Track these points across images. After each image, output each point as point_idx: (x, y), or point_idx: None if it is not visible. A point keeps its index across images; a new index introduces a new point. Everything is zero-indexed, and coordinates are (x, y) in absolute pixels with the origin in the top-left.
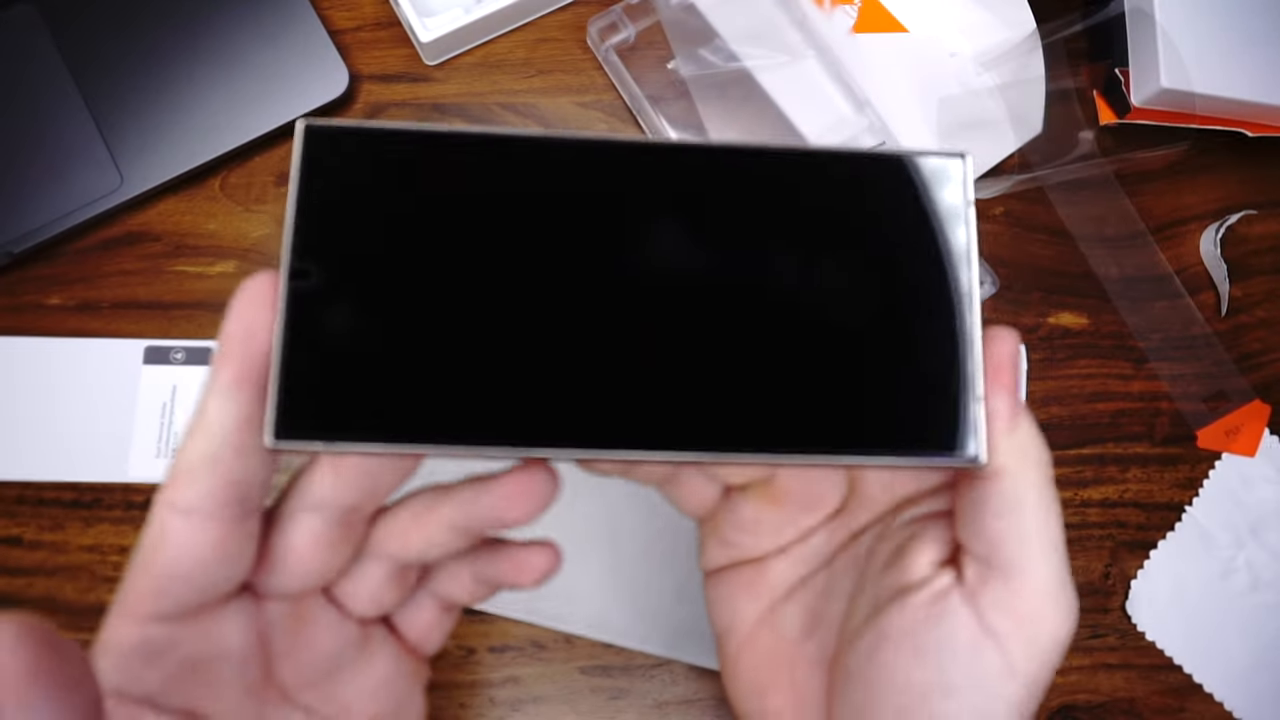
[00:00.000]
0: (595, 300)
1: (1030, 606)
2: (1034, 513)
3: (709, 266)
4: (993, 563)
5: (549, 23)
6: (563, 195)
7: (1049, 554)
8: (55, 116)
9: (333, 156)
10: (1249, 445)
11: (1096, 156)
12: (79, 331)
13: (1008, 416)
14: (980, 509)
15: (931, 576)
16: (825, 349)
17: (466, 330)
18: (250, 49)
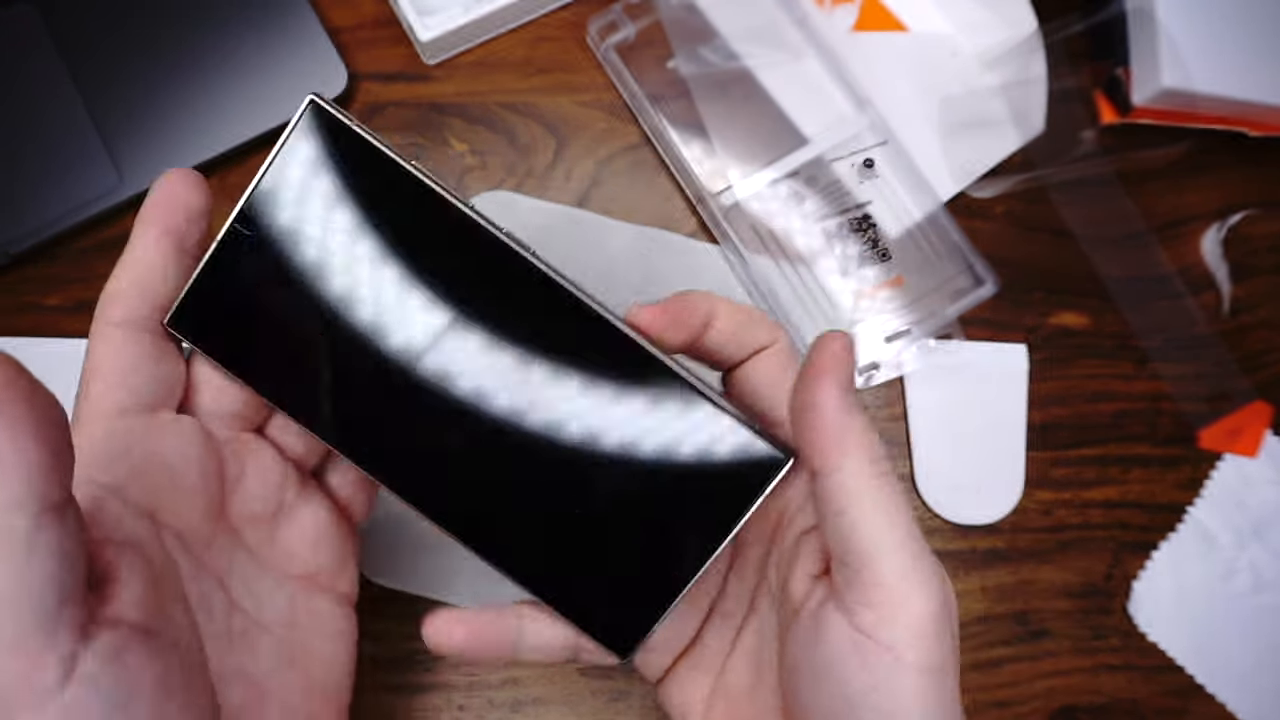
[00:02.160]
0: (431, 374)
1: (890, 593)
2: (870, 499)
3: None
4: (848, 561)
5: (548, 22)
6: (457, 274)
7: (894, 535)
8: (54, 116)
9: (320, 137)
10: (1251, 446)
11: (1098, 156)
12: (78, 332)
13: (832, 413)
14: (826, 508)
15: (809, 593)
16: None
17: (332, 338)
18: (249, 48)
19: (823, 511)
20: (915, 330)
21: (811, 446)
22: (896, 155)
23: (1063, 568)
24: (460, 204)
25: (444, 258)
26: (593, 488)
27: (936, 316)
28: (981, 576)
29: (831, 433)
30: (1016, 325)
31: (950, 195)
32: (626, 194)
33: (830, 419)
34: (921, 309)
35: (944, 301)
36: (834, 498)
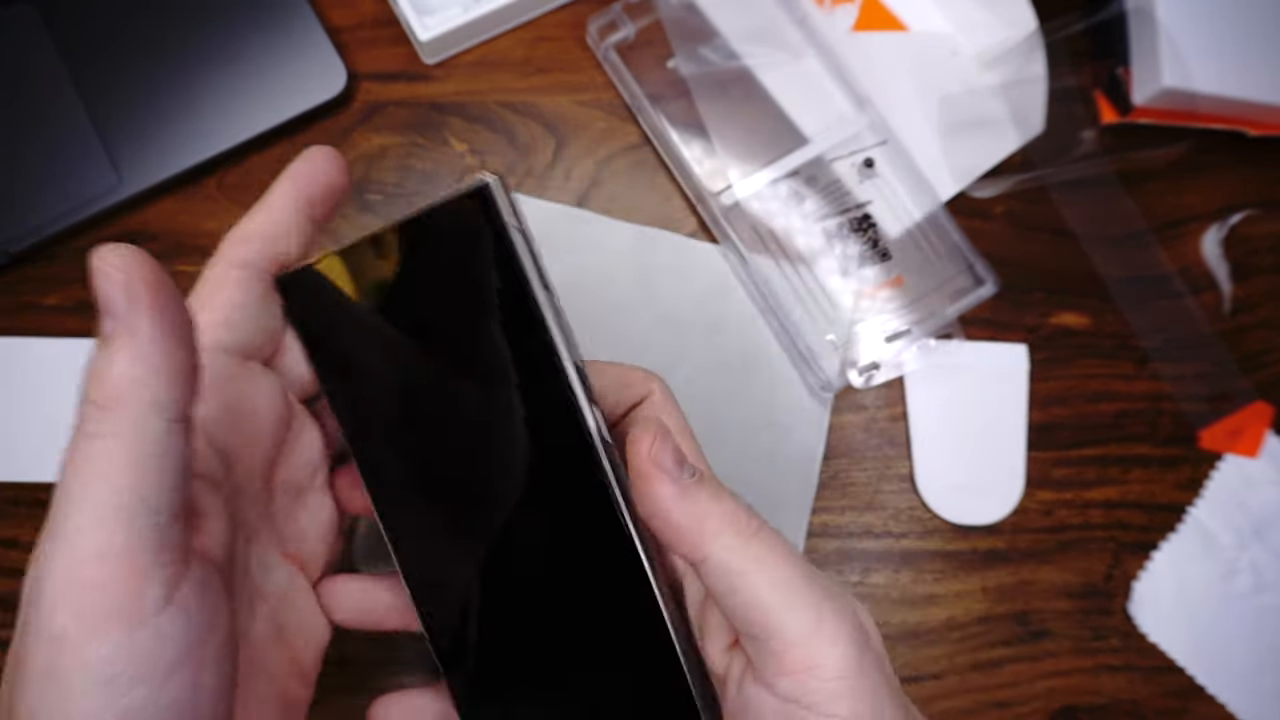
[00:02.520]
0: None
1: (803, 654)
2: (752, 572)
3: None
4: (753, 634)
5: (548, 21)
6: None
7: (788, 596)
8: (53, 116)
9: (480, 214)
10: (1252, 446)
11: (1098, 156)
12: (77, 332)
13: (676, 513)
14: (714, 591)
15: (728, 668)
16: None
17: (401, 380)
18: (248, 48)
19: (713, 593)
20: (915, 330)
21: (675, 547)
22: (896, 155)
23: (1063, 568)
24: (549, 334)
25: (508, 373)
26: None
27: (936, 316)
28: (981, 577)
29: (686, 530)
30: (1016, 325)
31: (950, 195)
32: (626, 194)
33: (677, 520)
34: (922, 309)
35: (944, 301)
36: (717, 580)
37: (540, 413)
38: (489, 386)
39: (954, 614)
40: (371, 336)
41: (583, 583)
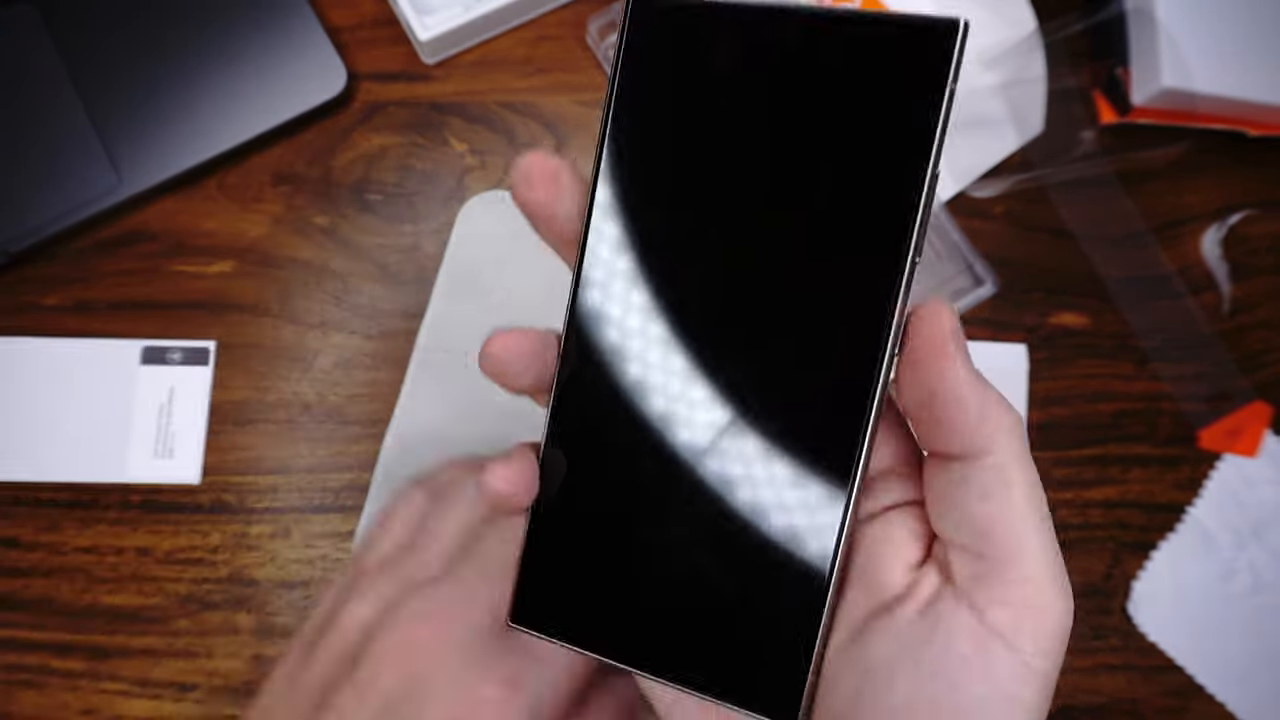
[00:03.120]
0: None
1: (1034, 595)
2: (1021, 490)
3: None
4: (985, 553)
5: (548, 21)
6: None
7: (1044, 533)
8: (53, 116)
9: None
10: (1251, 446)
11: (1098, 156)
12: (76, 331)
13: (971, 389)
14: (962, 493)
15: (913, 583)
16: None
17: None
18: (248, 48)
19: (956, 497)
20: None
21: (953, 432)
22: None
23: None
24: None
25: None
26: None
27: None
28: None
29: (976, 411)
30: (1016, 325)
31: (950, 195)
32: None
33: (974, 396)
34: None
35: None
36: (980, 482)
37: (854, 284)
38: (808, 235)
39: None
40: (706, 120)
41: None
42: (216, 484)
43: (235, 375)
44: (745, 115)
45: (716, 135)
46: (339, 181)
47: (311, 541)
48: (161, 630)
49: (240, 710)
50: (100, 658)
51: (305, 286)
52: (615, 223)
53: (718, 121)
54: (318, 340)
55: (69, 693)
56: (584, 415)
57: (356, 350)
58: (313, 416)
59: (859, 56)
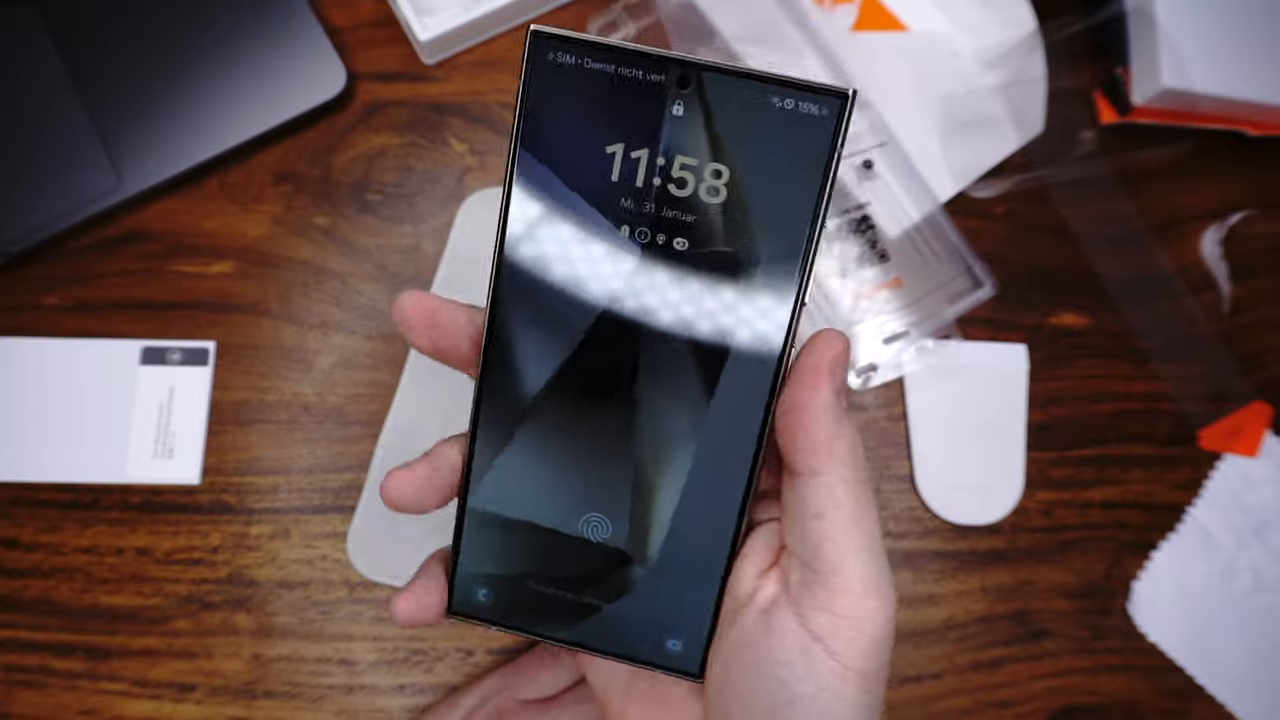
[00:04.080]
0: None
1: (851, 604)
2: (846, 511)
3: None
4: (814, 565)
5: (548, 21)
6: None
7: (866, 550)
8: (53, 116)
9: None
10: (1251, 446)
11: (1098, 156)
12: (76, 332)
13: (825, 417)
14: (801, 510)
15: (757, 589)
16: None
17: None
18: (248, 48)
19: (796, 512)
20: (914, 332)
21: (797, 448)
22: (896, 156)
23: (1063, 568)
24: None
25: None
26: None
27: (935, 318)
28: (981, 576)
29: (822, 437)
30: (1016, 325)
31: (950, 195)
32: None
33: (823, 423)
34: (920, 310)
35: (942, 303)
36: (814, 501)
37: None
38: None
39: (954, 614)
40: (596, 152)
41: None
42: (216, 484)
43: (235, 375)
44: (636, 163)
45: (607, 180)
46: (339, 181)
47: (311, 541)
48: (161, 630)
49: (240, 711)
50: (100, 658)
51: (305, 286)
52: (510, 331)
53: (610, 170)
54: (318, 340)
55: (69, 693)
56: (508, 385)
57: (356, 350)
58: (313, 416)
59: (758, 116)
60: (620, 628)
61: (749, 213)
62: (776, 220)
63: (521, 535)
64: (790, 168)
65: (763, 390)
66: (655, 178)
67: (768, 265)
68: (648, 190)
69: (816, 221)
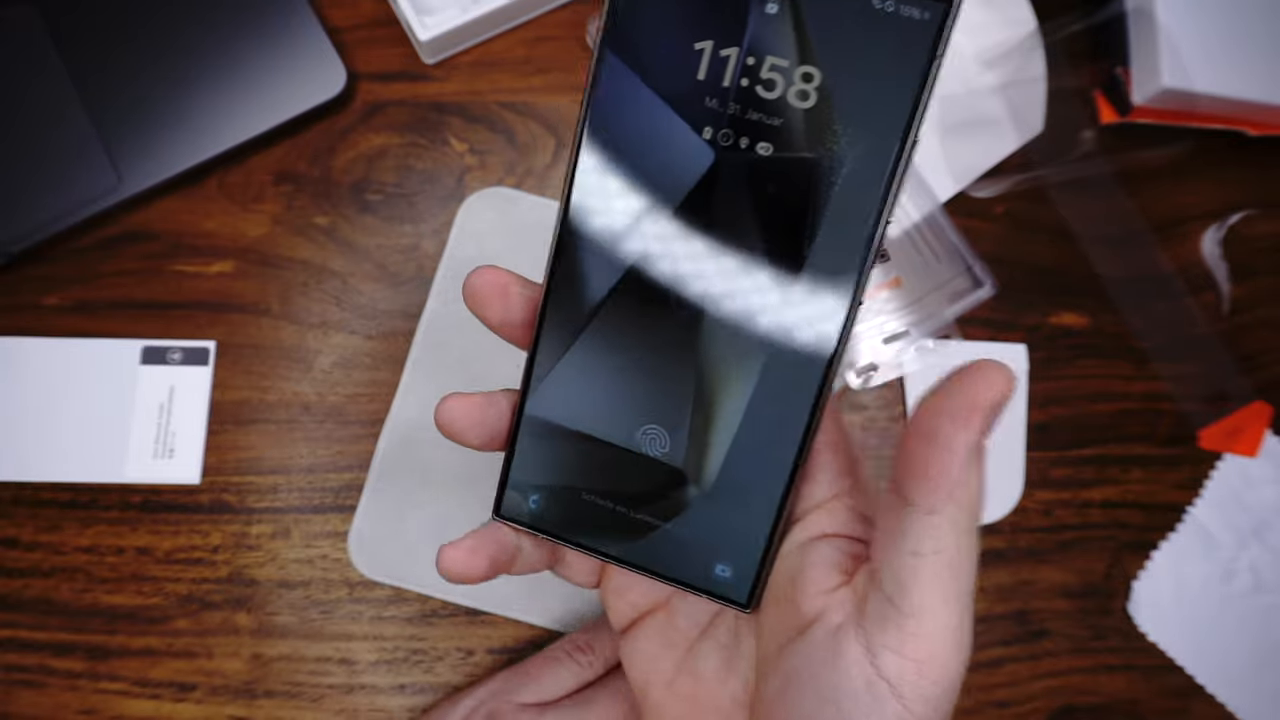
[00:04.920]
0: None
1: (927, 651)
2: (952, 554)
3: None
4: (896, 602)
5: (548, 21)
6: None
7: (956, 598)
8: (53, 116)
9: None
10: (1251, 446)
11: (1098, 156)
12: (76, 331)
13: (961, 458)
14: (899, 540)
15: (825, 610)
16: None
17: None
18: (248, 48)
19: (893, 542)
20: (914, 331)
21: (918, 480)
22: None
23: (1062, 568)
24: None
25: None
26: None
27: (935, 318)
28: (981, 576)
29: (951, 478)
30: (1016, 325)
31: (950, 195)
32: None
33: (957, 465)
34: (920, 310)
35: (942, 303)
36: (916, 537)
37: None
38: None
39: None
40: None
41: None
42: (216, 484)
43: (235, 375)
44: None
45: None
46: (339, 181)
47: (311, 541)
48: (161, 630)
49: (240, 710)
50: (100, 658)
51: (305, 286)
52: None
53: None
54: (318, 340)
55: (69, 692)
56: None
57: (356, 350)
58: (313, 416)
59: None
60: (669, 548)
61: (838, 120)
62: (866, 130)
63: (575, 445)
64: (885, 74)
65: (838, 309)
66: (743, 78)
67: (852, 175)
68: (733, 91)
69: (910, 133)
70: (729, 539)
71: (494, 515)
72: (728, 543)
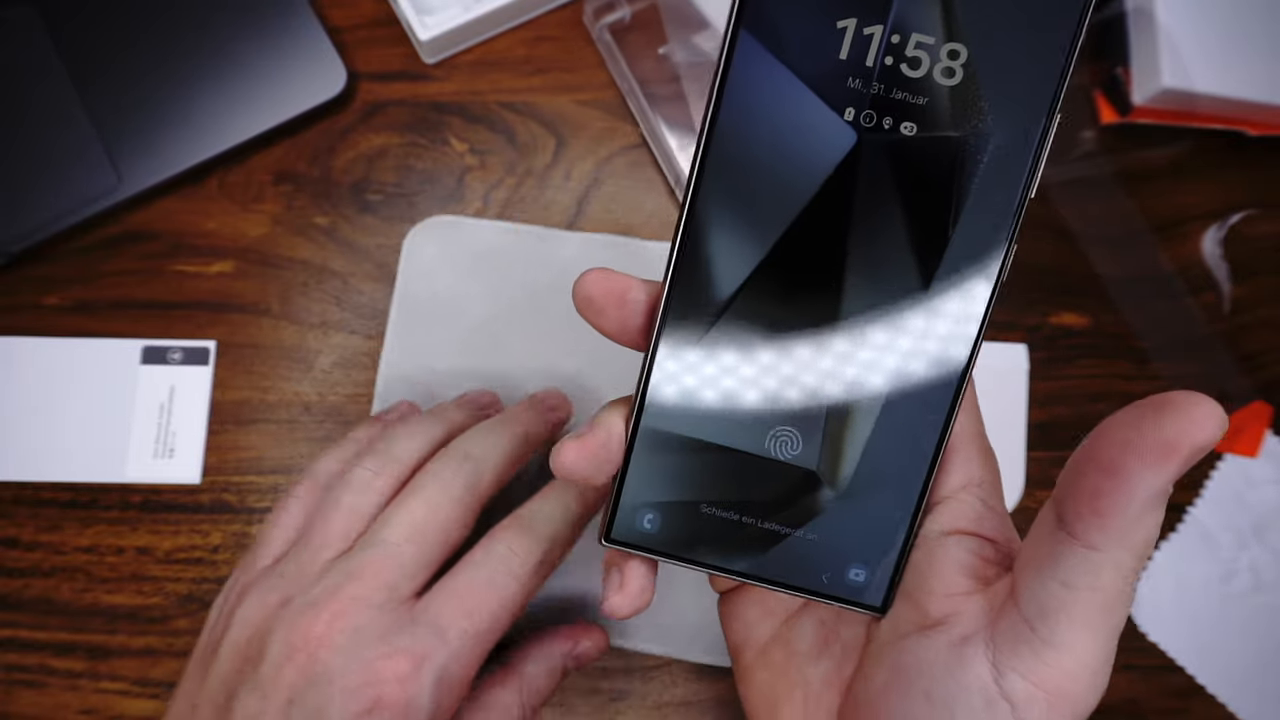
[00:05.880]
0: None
1: (1061, 683)
2: (1104, 596)
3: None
4: (1036, 628)
5: (548, 20)
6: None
7: (1105, 639)
8: (53, 116)
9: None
10: (1251, 446)
11: (1098, 156)
12: (76, 331)
13: (1142, 499)
14: (1051, 565)
15: (953, 615)
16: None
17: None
18: (248, 48)
19: (1044, 566)
20: None
21: (1088, 514)
22: None
23: None
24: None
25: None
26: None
27: None
28: None
29: (1128, 520)
30: (1016, 325)
31: None
32: (627, 193)
33: (1136, 506)
34: None
35: None
36: (1070, 569)
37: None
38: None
39: None
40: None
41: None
42: (217, 484)
43: (235, 375)
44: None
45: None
46: (339, 181)
47: None
48: (161, 630)
49: None
50: (100, 657)
51: (305, 286)
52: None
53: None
54: (318, 340)
55: (69, 692)
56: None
57: (356, 350)
58: (313, 416)
59: None
60: (800, 557)
61: (983, 97)
62: (1011, 105)
63: (699, 455)
64: (1030, 51)
65: (982, 292)
66: (887, 56)
67: (997, 153)
68: (877, 70)
69: (1055, 106)
70: (865, 541)
71: (602, 540)
72: (863, 545)
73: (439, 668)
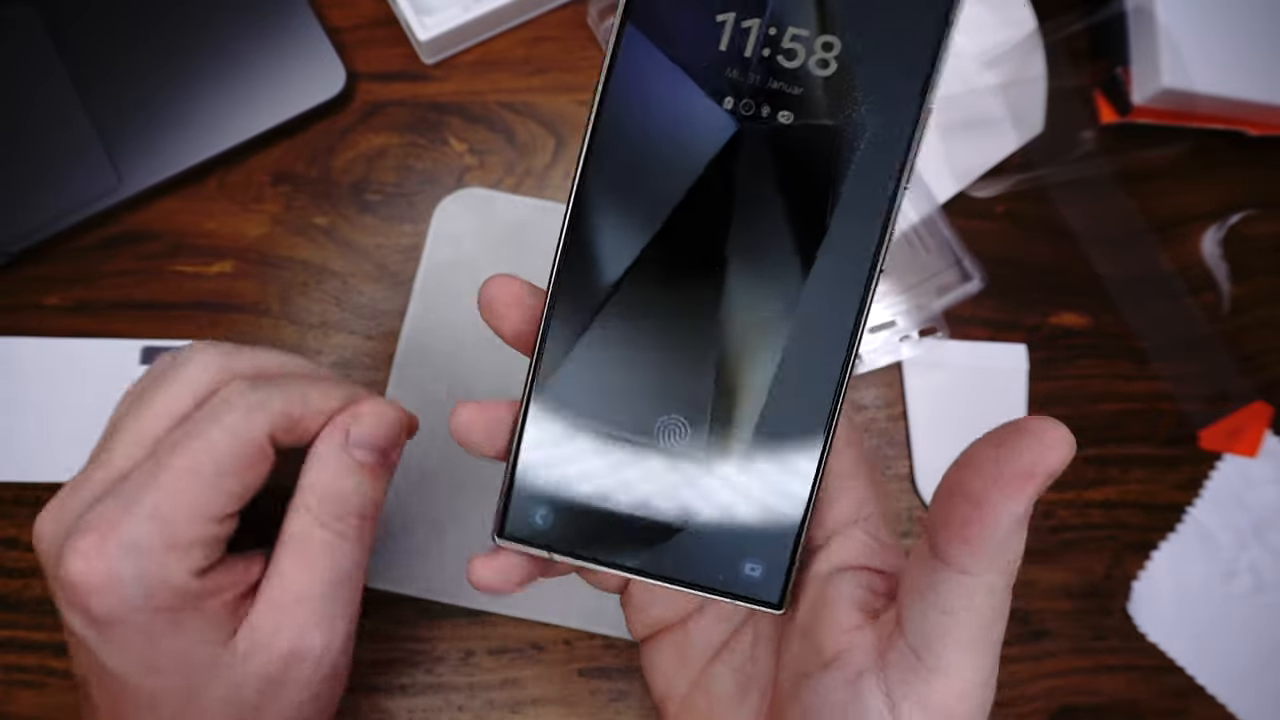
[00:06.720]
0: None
1: (954, 707)
2: (983, 617)
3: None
4: (922, 655)
5: (548, 21)
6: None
7: (985, 654)
8: (53, 116)
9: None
10: (1251, 446)
11: (1098, 156)
12: (76, 332)
13: (1007, 526)
14: (931, 595)
15: (846, 650)
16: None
17: None
18: (248, 48)
19: (923, 596)
20: (901, 322)
21: (956, 543)
22: None
23: (1063, 568)
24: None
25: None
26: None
27: (923, 309)
28: None
29: (994, 545)
30: (1016, 325)
31: (950, 195)
32: None
33: (1001, 532)
34: (908, 300)
35: (930, 296)
36: (948, 596)
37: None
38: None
39: None
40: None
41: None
42: None
43: None
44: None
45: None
46: (339, 181)
47: None
48: None
49: None
50: None
51: (305, 286)
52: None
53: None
54: (318, 340)
55: (69, 693)
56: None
57: (356, 350)
58: None
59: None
60: (694, 552)
61: (857, 87)
62: (883, 95)
63: (589, 445)
64: (901, 42)
65: (859, 279)
66: (764, 48)
67: (871, 142)
68: (755, 61)
69: (925, 98)
70: (758, 535)
71: (494, 537)
72: (756, 539)
73: (130, 537)
